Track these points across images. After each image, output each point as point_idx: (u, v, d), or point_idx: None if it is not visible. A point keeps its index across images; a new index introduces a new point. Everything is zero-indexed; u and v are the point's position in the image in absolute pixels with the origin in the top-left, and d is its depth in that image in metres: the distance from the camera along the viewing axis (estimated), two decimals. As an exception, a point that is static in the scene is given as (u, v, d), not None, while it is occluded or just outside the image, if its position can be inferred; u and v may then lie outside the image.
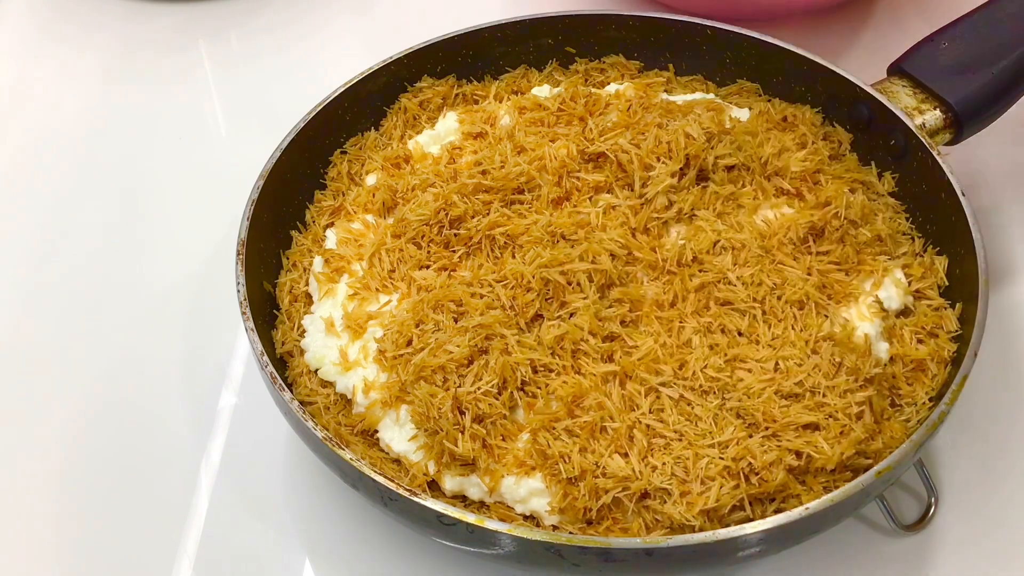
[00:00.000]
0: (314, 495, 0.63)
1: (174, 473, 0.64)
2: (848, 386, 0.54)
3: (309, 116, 0.67)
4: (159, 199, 0.81)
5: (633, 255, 0.59)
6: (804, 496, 0.51)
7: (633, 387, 0.54)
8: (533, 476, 0.53)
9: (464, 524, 0.49)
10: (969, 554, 0.59)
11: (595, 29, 0.74)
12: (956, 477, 0.62)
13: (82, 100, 0.90)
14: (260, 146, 0.66)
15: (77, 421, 0.67)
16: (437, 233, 0.61)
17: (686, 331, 0.56)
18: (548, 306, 0.57)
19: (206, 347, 0.70)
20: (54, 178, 0.83)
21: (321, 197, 0.68)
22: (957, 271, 0.61)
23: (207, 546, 0.61)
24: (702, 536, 0.48)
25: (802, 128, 0.67)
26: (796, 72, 0.70)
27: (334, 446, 0.51)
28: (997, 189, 0.77)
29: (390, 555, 0.60)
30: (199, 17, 0.96)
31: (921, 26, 0.70)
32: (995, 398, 0.65)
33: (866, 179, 0.66)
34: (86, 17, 0.97)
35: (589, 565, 0.49)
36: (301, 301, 0.63)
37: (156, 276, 0.75)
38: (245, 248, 0.60)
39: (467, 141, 0.68)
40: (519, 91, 0.73)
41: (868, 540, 0.59)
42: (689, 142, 0.62)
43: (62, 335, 0.72)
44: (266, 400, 0.57)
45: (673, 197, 0.61)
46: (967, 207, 0.60)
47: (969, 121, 0.66)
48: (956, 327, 0.58)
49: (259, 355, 0.55)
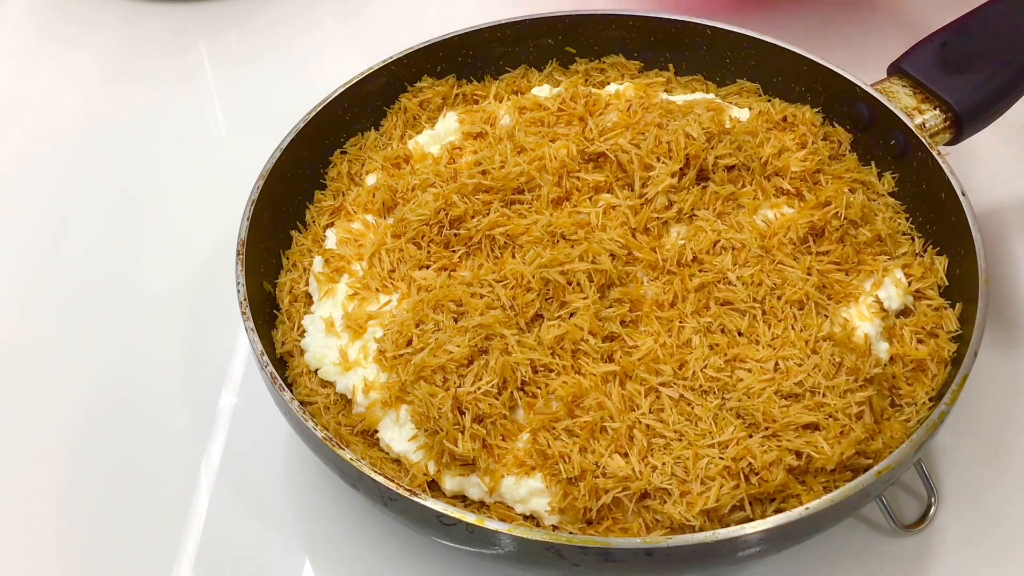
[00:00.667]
0: (314, 495, 0.63)
1: (174, 473, 0.64)
2: (848, 386, 0.54)
3: (309, 116, 0.67)
4: (159, 199, 0.81)
5: (633, 255, 0.59)
6: (804, 496, 0.51)
7: (633, 387, 0.54)
8: (533, 476, 0.53)
9: (464, 524, 0.49)
10: (969, 554, 0.59)
11: (595, 29, 0.74)
12: (956, 477, 0.62)
13: (82, 100, 0.90)
14: (260, 146, 0.66)
15: (77, 421, 0.67)
16: (437, 233, 0.61)
17: (686, 331, 0.56)
18: (548, 306, 0.57)
19: (206, 347, 0.70)
20: (54, 178, 0.83)
21: (321, 197, 0.68)
22: (957, 271, 0.61)
23: (207, 546, 0.61)
24: (702, 536, 0.48)
25: (802, 128, 0.67)
26: (796, 72, 0.70)
27: (334, 446, 0.51)
28: (997, 189, 0.77)
29: (390, 555, 0.60)
30: (199, 17, 0.96)
31: (921, 26, 0.70)
32: (995, 398, 0.65)
33: (866, 179, 0.66)
34: (86, 17, 0.97)
35: (589, 565, 0.49)
36: (301, 301, 0.63)
37: (156, 276, 0.75)
38: (245, 248, 0.60)
39: (467, 141, 0.68)
40: (519, 91, 0.73)
41: (868, 540, 0.59)
42: (689, 142, 0.62)
43: (62, 335, 0.72)
44: (266, 400, 0.57)
45: (673, 197, 0.61)
46: (967, 207, 0.60)
47: (969, 121, 0.66)
48: (956, 327, 0.58)
49: (259, 355, 0.55)
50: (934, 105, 0.66)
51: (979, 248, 0.58)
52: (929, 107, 0.66)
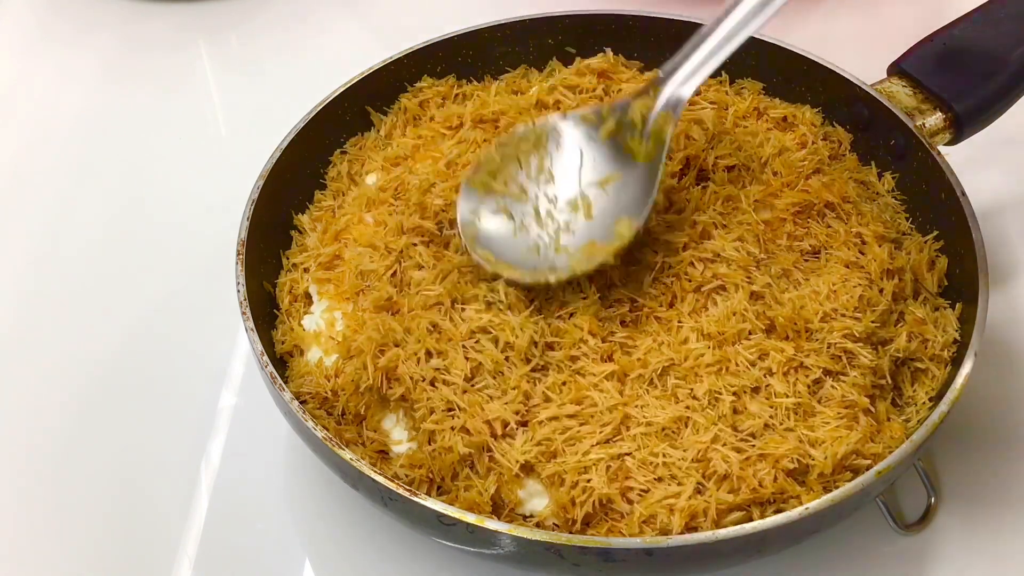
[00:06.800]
0: (314, 495, 0.63)
1: (174, 473, 0.64)
2: (848, 386, 0.54)
3: (309, 116, 0.67)
4: (159, 199, 0.81)
5: (633, 255, 0.59)
6: (804, 496, 0.51)
7: (631, 387, 0.54)
8: (533, 476, 0.53)
9: (464, 524, 0.48)
10: (969, 554, 0.59)
11: (595, 29, 0.74)
12: (956, 477, 0.62)
13: (82, 100, 0.90)
14: (260, 146, 0.66)
15: (77, 419, 0.67)
16: (437, 233, 0.61)
17: (684, 331, 0.56)
18: (548, 306, 0.57)
19: (206, 347, 0.70)
20: (54, 178, 0.83)
21: (321, 197, 0.68)
22: (957, 271, 0.61)
23: (207, 546, 0.61)
24: (702, 536, 0.48)
25: (802, 128, 0.67)
26: (796, 72, 0.70)
27: (334, 446, 0.51)
28: (997, 189, 0.77)
29: (390, 555, 0.60)
30: (199, 17, 0.96)
31: (921, 26, 0.70)
32: (995, 398, 0.65)
33: (866, 179, 0.66)
34: (86, 17, 0.97)
35: (589, 565, 0.49)
36: (301, 301, 0.63)
37: (156, 276, 0.75)
38: (245, 248, 0.60)
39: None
40: (519, 91, 0.73)
41: (868, 540, 0.59)
42: (689, 143, 0.62)
43: (61, 335, 0.72)
44: (266, 400, 0.57)
45: (673, 197, 0.61)
46: (967, 207, 0.60)
47: (969, 121, 0.66)
48: (956, 327, 0.58)
49: (259, 355, 0.55)
50: (934, 105, 0.66)
51: (979, 248, 0.58)
52: (929, 107, 0.66)
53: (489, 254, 0.57)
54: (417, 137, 0.68)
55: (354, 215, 0.64)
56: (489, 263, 0.57)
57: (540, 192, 0.59)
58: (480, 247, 0.58)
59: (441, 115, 0.69)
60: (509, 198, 0.59)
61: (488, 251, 0.57)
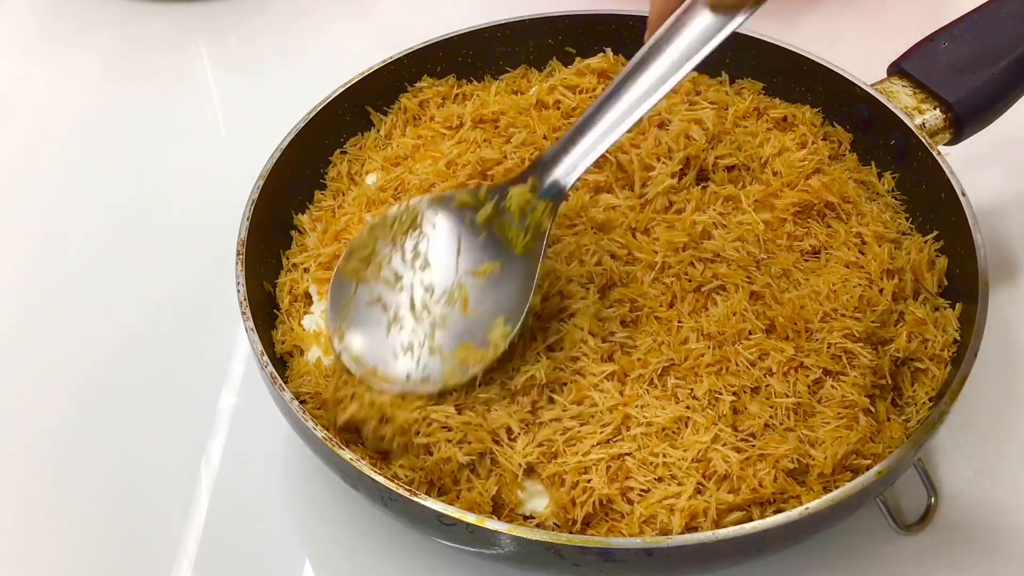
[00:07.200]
0: (314, 495, 0.63)
1: (174, 473, 0.64)
2: (848, 386, 0.54)
3: (309, 116, 0.67)
4: (159, 199, 0.81)
5: (633, 255, 0.59)
6: (804, 496, 0.51)
7: (631, 387, 0.54)
8: (533, 477, 0.53)
9: (464, 524, 0.48)
10: (969, 554, 0.59)
11: (595, 29, 0.74)
12: (956, 477, 0.62)
13: (82, 100, 0.90)
14: (260, 146, 0.66)
15: (77, 419, 0.67)
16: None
17: (684, 331, 0.56)
18: (548, 306, 0.57)
19: (206, 347, 0.70)
20: (54, 178, 0.83)
21: (321, 197, 0.68)
22: (957, 271, 0.61)
23: (207, 546, 0.61)
24: (702, 536, 0.48)
25: (802, 128, 0.67)
26: (796, 72, 0.70)
27: (334, 446, 0.51)
28: (997, 189, 0.77)
29: (390, 555, 0.60)
30: (199, 17, 0.96)
31: (921, 26, 0.70)
32: (995, 398, 0.65)
33: (866, 179, 0.66)
34: (86, 17, 0.97)
35: (589, 565, 0.49)
36: (301, 301, 0.63)
37: (156, 276, 0.75)
38: (245, 248, 0.60)
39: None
40: (519, 91, 0.73)
41: (868, 540, 0.59)
42: (689, 143, 0.62)
43: (61, 335, 0.72)
44: (266, 400, 0.57)
45: (673, 197, 0.61)
46: (967, 207, 0.60)
47: (969, 121, 0.66)
48: (956, 327, 0.58)
49: (259, 355, 0.55)
50: (934, 105, 0.66)
51: (979, 248, 0.58)
52: (929, 107, 0.66)
53: (361, 357, 0.54)
54: (417, 137, 0.69)
55: (354, 215, 0.64)
56: (360, 366, 0.54)
57: (415, 280, 0.55)
58: (350, 348, 0.55)
59: (441, 115, 0.69)
60: (383, 286, 0.56)
61: (360, 352, 0.55)
